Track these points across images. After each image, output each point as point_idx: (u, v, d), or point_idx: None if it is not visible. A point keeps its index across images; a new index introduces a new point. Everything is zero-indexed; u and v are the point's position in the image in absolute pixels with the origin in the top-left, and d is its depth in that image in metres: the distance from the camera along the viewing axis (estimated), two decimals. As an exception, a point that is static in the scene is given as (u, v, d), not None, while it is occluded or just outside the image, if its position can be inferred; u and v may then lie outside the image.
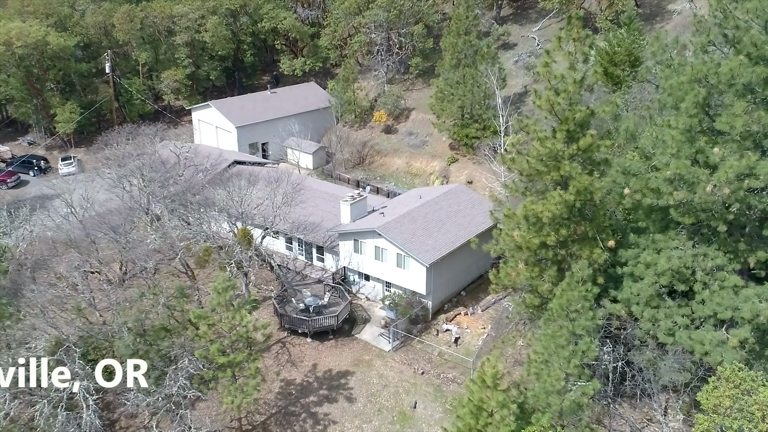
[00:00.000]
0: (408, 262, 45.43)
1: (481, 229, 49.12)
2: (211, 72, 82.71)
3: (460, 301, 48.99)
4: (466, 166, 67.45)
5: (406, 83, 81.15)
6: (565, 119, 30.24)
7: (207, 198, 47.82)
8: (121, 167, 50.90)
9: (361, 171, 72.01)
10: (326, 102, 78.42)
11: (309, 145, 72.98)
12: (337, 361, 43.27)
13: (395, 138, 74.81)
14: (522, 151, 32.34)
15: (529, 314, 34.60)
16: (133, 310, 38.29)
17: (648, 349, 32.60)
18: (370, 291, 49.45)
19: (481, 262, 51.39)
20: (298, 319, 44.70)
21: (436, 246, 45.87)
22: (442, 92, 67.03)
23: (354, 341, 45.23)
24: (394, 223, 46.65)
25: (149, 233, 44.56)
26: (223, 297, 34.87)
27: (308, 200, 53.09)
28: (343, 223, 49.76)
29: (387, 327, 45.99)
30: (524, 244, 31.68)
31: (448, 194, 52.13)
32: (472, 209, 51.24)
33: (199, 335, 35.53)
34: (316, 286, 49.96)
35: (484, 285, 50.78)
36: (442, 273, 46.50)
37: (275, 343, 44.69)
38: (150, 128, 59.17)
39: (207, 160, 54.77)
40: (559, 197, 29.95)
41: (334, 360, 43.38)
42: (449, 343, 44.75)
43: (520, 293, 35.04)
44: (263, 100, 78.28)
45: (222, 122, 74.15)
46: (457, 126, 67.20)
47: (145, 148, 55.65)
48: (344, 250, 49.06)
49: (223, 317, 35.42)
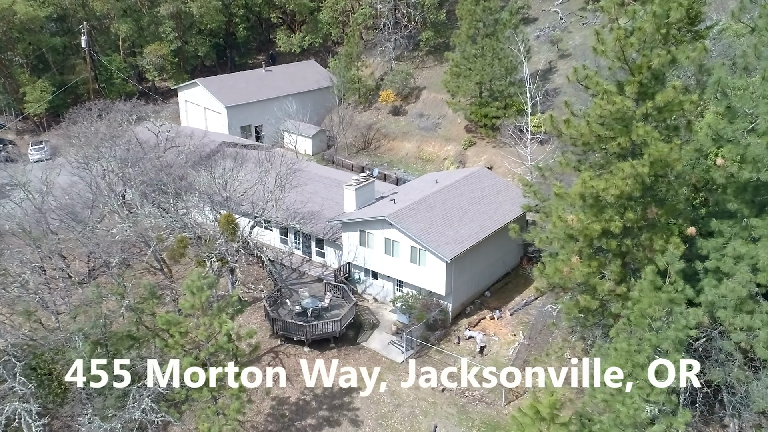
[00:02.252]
0: (424, 257, 38.94)
1: (508, 219, 42.69)
2: (199, 48, 76.18)
3: (484, 303, 42.47)
4: (484, 150, 60.94)
5: (415, 61, 74.60)
6: (638, 68, 23.68)
7: (189, 183, 41.30)
8: (89, 147, 44.32)
9: (365, 156, 65.52)
10: (327, 81, 71.95)
11: (308, 129, 66.51)
12: (341, 374, 36.80)
13: (404, 120, 68.32)
14: (576, 113, 25.79)
15: (581, 320, 28.07)
16: (90, 314, 31.80)
17: (737, 365, 26.10)
18: (378, 291, 42.97)
19: (508, 257, 44.95)
20: (293, 324, 38.19)
21: (458, 238, 39.37)
22: (458, 67, 60.49)
23: (360, 351, 38.75)
24: (408, 210, 40.15)
25: (117, 222, 38.03)
26: (199, 298, 28.47)
27: (306, 185, 46.64)
28: (347, 211, 43.29)
29: (399, 333, 39.53)
30: (581, 231, 25.15)
31: (469, 178, 45.59)
32: (498, 195, 44.72)
33: (169, 345, 29.14)
34: (315, 285, 43.46)
35: (511, 284, 44.40)
36: (464, 270, 39.99)
37: (266, 353, 38.19)
38: (126, 105, 52.50)
39: (190, 141, 48.19)
40: (631, 169, 23.39)
41: (336, 373, 36.90)
42: (473, 352, 38.25)
43: (568, 294, 28.49)
44: (257, 78, 71.82)
45: (211, 102, 67.71)
46: (474, 105, 60.70)
47: (120, 127, 49.14)
48: (348, 243, 42.58)
49: (199, 323, 29.09)
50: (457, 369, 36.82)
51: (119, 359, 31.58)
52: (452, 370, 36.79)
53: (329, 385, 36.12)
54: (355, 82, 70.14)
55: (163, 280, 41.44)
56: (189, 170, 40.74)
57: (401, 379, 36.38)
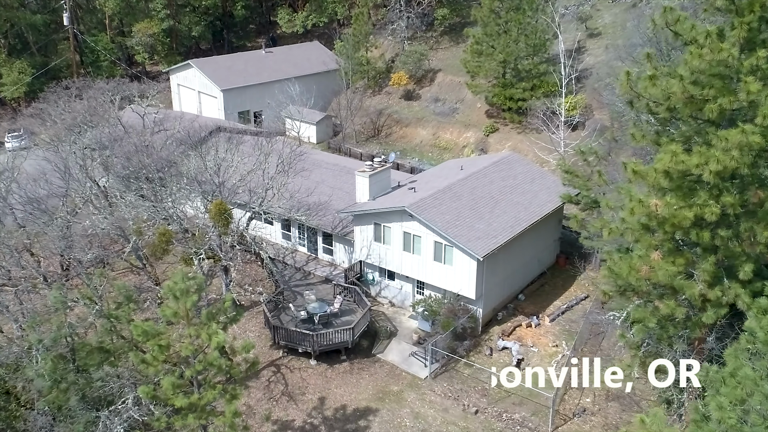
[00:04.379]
0: (451, 255, 33.86)
1: (546, 210, 37.66)
2: (193, 28, 71.12)
3: (518, 308, 37.40)
4: (509, 136, 55.90)
5: (429, 41, 69.51)
6: (749, 5, 18.55)
7: (177, 169, 36.20)
8: (63, 128, 39.29)
9: (375, 144, 60.46)
10: (333, 64, 66.88)
11: (312, 114, 61.37)
12: (354, 393, 31.75)
13: (418, 105, 63.25)
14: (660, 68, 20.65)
15: (658, 332, 22.92)
16: (54, 322, 26.78)
17: None
18: (395, 294, 37.92)
19: (544, 254, 39.90)
20: (298, 333, 33.11)
21: (490, 232, 34.27)
22: (480, 44, 55.43)
23: (376, 364, 33.67)
24: (431, 200, 35.06)
25: (91, 212, 32.98)
26: (184, 303, 23.42)
27: (311, 172, 41.57)
28: (359, 201, 38.22)
29: (421, 343, 34.48)
30: (668, 219, 20.04)
31: (499, 165, 40.47)
32: (532, 184, 39.62)
33: (147, 361, 24.08)
34: (323, 287, 38.40)
35: (548, 285, 39.37)
36: (496, 269, 34.92)
37: (266, 367, 33.13)
38: (109, 84, 47.48)
39: (179, 123, 43.07)
40: (740, 136, 18.25)
41: (348, 392, 31.84)
42: (509, 366, 33.12)
43: (640, 299, 23.30)
44: (256, 60, 66.82)
45: (205, 86, 62.70)
46: (497, 87, 55.61)
47: (102, 108, 44.13)
48: (360, 239, 37.53)
49: (183, 335, 24.06)
50: (492, 386, 31.73)
51: (88, 377, 26.69)
52: (486, 388, 31.70)
53: (341, 406, 31.04)
54: (364, 64, 65.08)
55: (146, 282, 36.48)
56: (177, 155, 35.63)
57: (426, 399, 31.30)
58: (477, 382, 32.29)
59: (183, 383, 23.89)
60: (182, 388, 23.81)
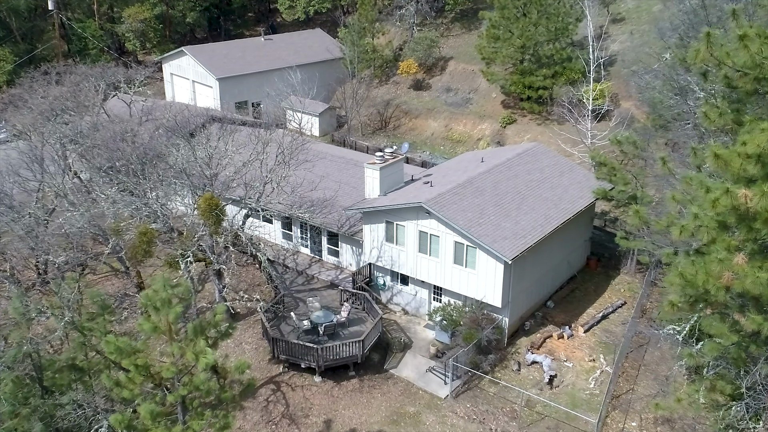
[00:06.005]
0: (474, 257, 30.24)
1: (578, 207, 34.04)
2: (187, 14, 67.44)
3: (546, 317, 33.79)
4: (527, 128, 52.32)
5: (440, 28, 65.92)
6: None
7: (165, 161, 32.55)
8: (38, 115, 35.71)
9: (383, 137, 56.88)
10: (337, 52, 63.24)
11: (314, 105, 57.76)
12: (364, 415, 28.13)
13: (428, 95, 59.66)
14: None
15: (735, 352, 19.27)
16: (14, 337, 23.17)
17: None
18: (408, 300, 34.31)
19: (574, 256, 36.34)
20: (300, 346, 29.46)
21: (518, 231, 30.64)
22: (496, 28, 51.76)
23: (389, 381, 30.04)
24: (451, 195, 31.44)
25: (66, 209, 29.36)
26: (165, 316, 19.85)
27: (315, 166, 37.99)
28: (368, 197, 34.64)
29: (439, 357, 30.88)
30: (761, 213, 16.39)
31: (523, 156, 36.83)
32: (561, 177, 36.01)
33: (122, 384, 20.50)
34: (328, 293, 34.84)
35: (578, 291, 35.81)
36: (524, 274, 31.30)
37: (264, 384, 29.52)
38: (93, 70, 43.88)
39: (168, 112, 39.40)
40: None
41: (358, 413, 28.22)
42: (540, 383, 29.55)
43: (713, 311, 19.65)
44: (255, 48, 63.28)
45: (200, 74, 59.16)
46: (515, 74, 51.98)
47: (81, 93, 40.54)
48: (370, 239, 33.92)
49: (165, 352, 20.51)
50: (521, 406, 28.13)
51: (56, 400, 23.13)
52: (515, 409, 28.08)
53: (350, 430, 27.42)
54: (370, 51, 61.45)
55: (130, 287, 32.90)
56: (163, 144, 31.99)
57: (447, 422, 27.67)
58: (504, 402, 28.68)
59: (165, 410, 20.39)
60: (164, 416, 20.30)
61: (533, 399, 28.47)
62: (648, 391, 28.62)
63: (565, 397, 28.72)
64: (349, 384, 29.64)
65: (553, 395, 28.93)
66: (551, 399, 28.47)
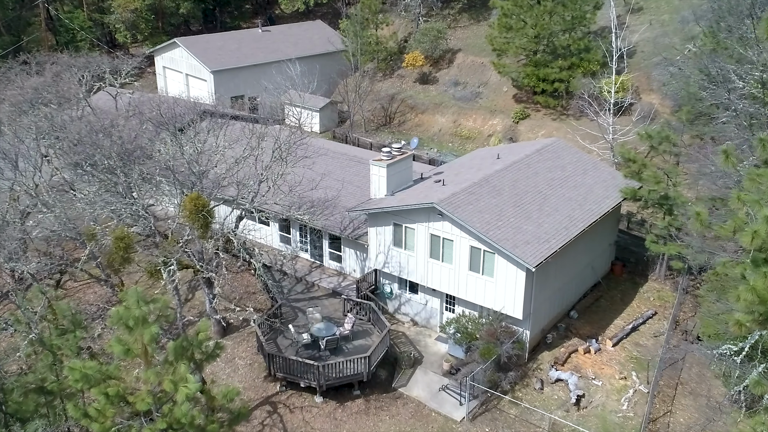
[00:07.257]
0: (492, 263, 27.43)
1: (605, 208, 31.23)
2: (181, 4, 64.64)
3: (570, 328, 30.97)
4: (542, 123, 49.51)
5: (446, 19, 63.10)
6: None
7: (144, 152, 29.68)
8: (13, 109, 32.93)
9: (387, 133, 54.08)
10: (339, 44, 60.47)
11: (315, 100, 55.00)
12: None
13: (435, 89, 56.85)
14: None
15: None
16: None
17: None
18: (418, 310, 31.52)
19: (598, 261, 33.57)
20: (299, 363, 26.63)
21: (540, 235, 27.83)
22: (508, 17, 48.95)
23: (398, 401, 27.23)
24: (465, 195, 28.63)
25: (39, 210, 26.55)
26: (140, 336, 17.07)
27: (315, 163, 35.21)
28: (374, 197, 31.83)
29: (453, 374, 28.07)
30: None
31: (543, 153, 34.02)
32: (585, 176, 33.20)
33: (90, 416, 17.69)
34: (330, 302, 32.04)
35: (604, 299, 32.97)
36: (546, 282, 28.50)
37: (259, 405, 26.71)
38: (76, 60, 41.10)
39: (156, 105, 36.54)
40: None
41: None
42: (566, 404, 26.75)
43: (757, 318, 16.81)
44: (252, 40, 60.56)
45: (193, 67, 56.44)
46: (529, 66, 49.16)
47: (69, 87, 37.77)
48: (376, 243, 31.12)
49: (141, 378, 17.74)
50: (546, 430, 25.34)
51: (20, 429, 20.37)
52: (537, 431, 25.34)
53: (354, 459, 24.69)
54: (374, 43, 58.67)
55: (111, 298, 30.09)
56: (147, 138, 29.17)
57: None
58: (527, 425, 25.90)
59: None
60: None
61: (559, 423, 25.69)
62: (688, 414, 25.83)
63: (595, 420, 25.92)
64: (354, 405, 26.84)
65: (582, 418, 26.14)
66: (579, 422, 25.70)
